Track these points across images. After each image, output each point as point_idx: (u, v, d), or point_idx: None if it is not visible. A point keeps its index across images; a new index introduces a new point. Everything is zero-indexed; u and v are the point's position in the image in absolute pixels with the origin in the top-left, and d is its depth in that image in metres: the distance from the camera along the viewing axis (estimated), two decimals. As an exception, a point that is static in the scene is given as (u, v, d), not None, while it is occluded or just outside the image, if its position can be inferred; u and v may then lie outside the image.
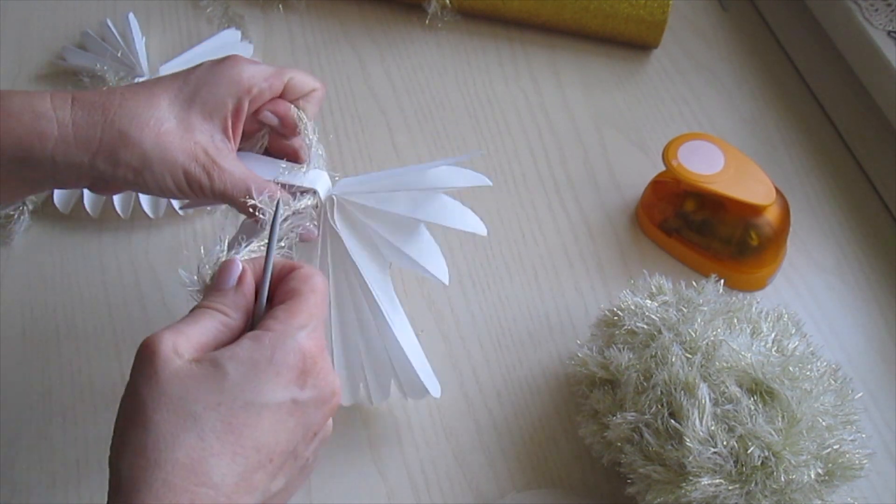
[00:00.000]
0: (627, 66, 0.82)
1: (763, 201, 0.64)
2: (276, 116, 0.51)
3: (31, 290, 0.64)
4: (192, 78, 0.49)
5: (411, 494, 0.57)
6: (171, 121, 0.47)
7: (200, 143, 0.48)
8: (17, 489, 0.56)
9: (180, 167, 0.47)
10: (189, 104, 0.48)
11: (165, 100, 0.48)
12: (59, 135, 0.46)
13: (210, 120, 0.48)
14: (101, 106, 0.47)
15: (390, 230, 0.51)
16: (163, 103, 0.48)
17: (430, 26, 0.83)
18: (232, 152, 0.49)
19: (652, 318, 0.55)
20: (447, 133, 0.76)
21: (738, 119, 0.78)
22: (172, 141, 0.47)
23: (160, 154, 0.47)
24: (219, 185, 0.48)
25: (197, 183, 0.48)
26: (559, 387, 0.62)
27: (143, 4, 0.82)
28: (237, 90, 0.49)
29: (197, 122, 0.48)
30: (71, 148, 0.46)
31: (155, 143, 0.47)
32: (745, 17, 0.87)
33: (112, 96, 0.47)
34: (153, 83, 0.49)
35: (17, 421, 0.58)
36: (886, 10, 0.74)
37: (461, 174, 0.51)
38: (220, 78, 0.49)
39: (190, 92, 0.48)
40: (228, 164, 0.48)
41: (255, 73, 0.49)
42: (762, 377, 0.51)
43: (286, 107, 0.51)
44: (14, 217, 0.67)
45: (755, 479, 0.49)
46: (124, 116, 0.47)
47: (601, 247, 0.70)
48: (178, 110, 0.48)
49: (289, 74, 0.51)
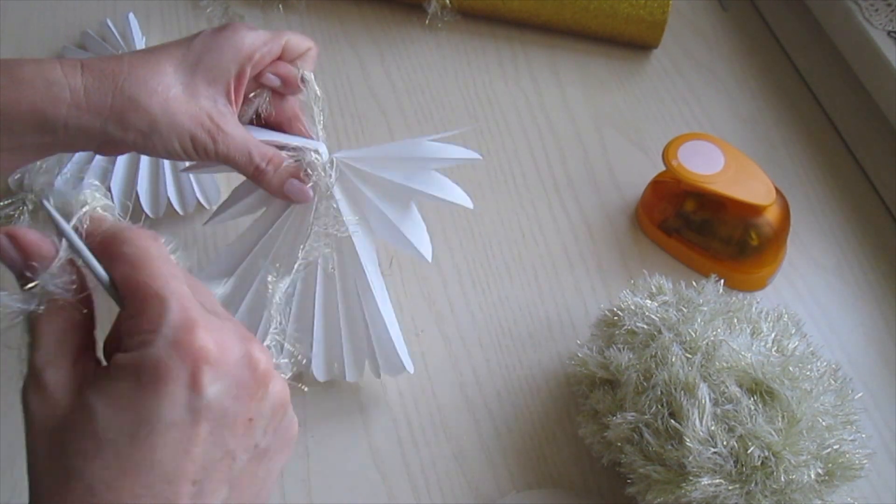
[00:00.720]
0: (627, 66, 0.82)
1: (763, 201, 0.64)
2: (278, 78, 0.53)
3: (31, 290, 0.64)
4: (196, 45, 0.51)
5: (411, 494, 0.57)
6: (177, 87, 0.49)
7: (205, 109, 0.50)
8: (17, 489, 0.56)
9: (187, 132, 0.49)
10: (193, 70, 0.50)
11: (171, 66, 0.50)
12: (71, 100, 0.47)
13: (214, 85, 0.50)
14: (110, 73, 0.48)
15: (384, 199, 0.54)
16: (168, 69, 0.49)
17: (430, 26, 0.83)
18: (234, 116, 0.52)
19: (652, 318, 0.55)
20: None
21: (738, 119, 0.78)
22: (179, 107, 0.49)
23: (168, 119, 0.49)
24: (223, 149, 0.50)
25: (202, 147, 0.50)
26: (559, 387, 0.62)
27: (143, 4, 0.82)
28: (239, 57, 0.51)
29: (202, 88, 0.50)
30: (83, 113, 0.47)
31: (163, 108, 0.49)
32: (745, 17, 0.87)
33: (120, 63, 0.49)
34: (157, 50, 0.50)
35: (17, 421, 0.58)
36: (886, 10, 0.74)
37: (452, 149, 0.54)
38: (222, 45, 0.51)
39: (194, 59, 0.50)
40: (231, 128, 0.51)
41: (256, 40, 0.51)
42: (762, 377, 0.51)
43: (287, 68, 0.53)
44: (14, 217, 0.67)
45: (755, 479, 0.49)
46: (133, 83, 0.48)
47: (601, 247, 0.70)
48: (184, 76, 0.50)
49: (285, 37, 0.53)
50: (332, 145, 0.74)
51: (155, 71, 0.49)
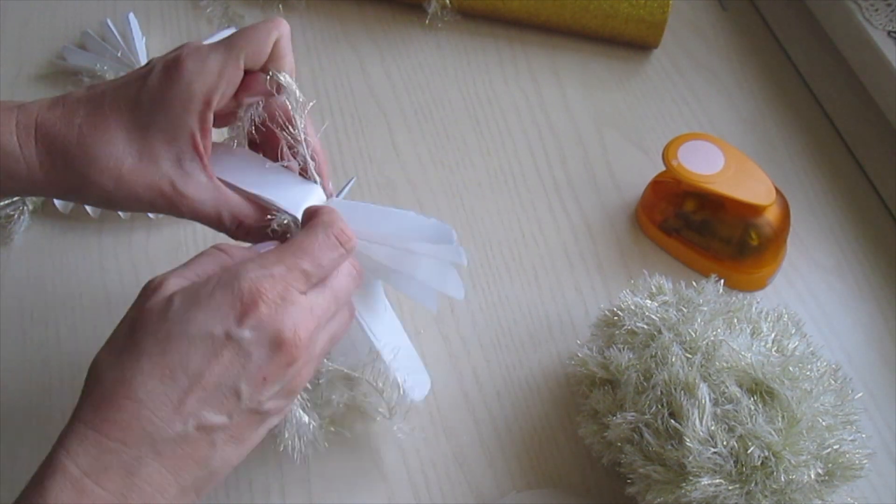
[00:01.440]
0: (627, 66, 0.82)
1: (763, 201, 0.64)
2: (255, 97, 0.49)
3: (31, 290, 0.64)
4: (144, 100, 0.46)
5: (411, 494, 0.57)
6: (130, 158, 0.46)
7: (167, 175, 0.47)
8: (17, 489, 0.56)
9: (147, 202, 0.47)
10: (146, 134, 0.46)
11: (121, 133, 0.46)
12: (27, 176, 0.46)
13: (174, 144, 0.47)
14: (61, 146, 0.46)
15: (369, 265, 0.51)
16: (118, 137, 0.46)
17: (430, 26, 0.83)
18: (202, 171, 0.48)
19: (652, 318, 0.55)
20: (447, 133, 0.76)
21: (738, 119, 0.78)
22: (135, 178, 0.46)
23: (124, 193, 0.47)
24: (188, 213, 0.48)
25: (166, 211, 0.48)
26: (559, 387, 0.62)
27: (143, 4, 0.82)
28: (195, 108, 0.46)
29: (161, 151, 0.46)
30: (39, 185, 0.47)
31: (117, 184, 0.46)
32: (745, 17, 0.87)
33: (70, 129, 0.46)
34: (106, 106, 0.47)
35: (17, 421, 0.58)
36: (886, 10, 0.74)
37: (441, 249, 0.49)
38: (173, 101, 0.46)
39: (146, 119, 0.46)
40: (194, 191, 0.47)
41: (208, 80, 0.46)
42: (762, 377, 0.51)
43: (259, 84, 0.48)
44: (14, 217, 0.67)
45: (755, 479, 0.49)
46: (83, 160, 0.46)
47: (601, 247, 0.70)
48: (138, 144, 0.46)
49: (241, 49, 0.47)
50: (333, 146, 0.74)
51: (104, 142, 0.46)
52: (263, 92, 0.48)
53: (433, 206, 0.71)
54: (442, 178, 0.73)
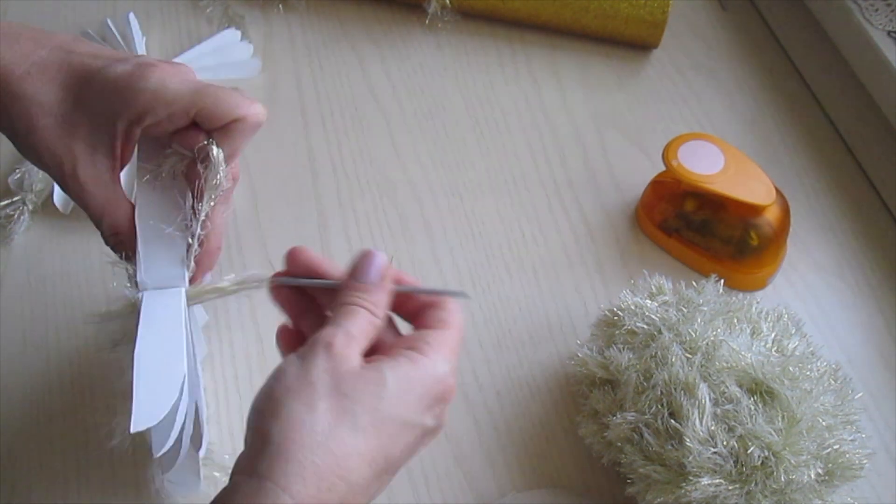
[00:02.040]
0: (627, 66, 0.82)
1: (763, 201, 0.64)
2: (184, 148, 0.46)
3: (31, 290, 0.64)
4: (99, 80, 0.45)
5: (411, 494, 0.57)
6: (52, 117, 0.44)
7: (73, 154, 0.45)
8: (16, 489, 0.56)
9: (43, 165, 0.45)
10: (82, 107, 0.45)
11: (61, 91, 0.45)
12: None
13: (97, 132, 0.45)
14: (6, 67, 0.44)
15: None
16: (54, 93, 0.44)
17: (430, 26, 0.83)
18: (110, 171, 0.46)
19: (652, 318, 0.55)
20: (447, 133, 0.76)
21: (738, 119, 0.78)
22: (44, 138, 0.44)
23: (29, 143, 0.45)
24: (74, 197, 0.46)
25: (58, 182, 0.46)
26: (559, 387, 0.62)
27: (143, 4, 0.82)
28: (128, 115, 0.45)
29: (81, 130, 0.45)
30: None
31: (27, 131, 0.44)
32: (745, 17, 0.87)
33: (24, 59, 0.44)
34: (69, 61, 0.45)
35: (17, 421, 0.58)
36: (886, 10, 0.74)
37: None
38: (117, 95, 0.44)
39: (88, 96, 0.45)
40: (94, 184, 0.45)
41: (153, 103, 0.44)
42: (762, 377, 0.51)
43: (195, 139, 0.46)
44: (14, 217, 0.67)
45: (755, 479, 0.49)
46: (14, 87, 0.44)
47: (601, 247, 0.70)
48: (68, 110, 0.45)
49: (198, 106, 0.45)
50: (333, 145, 0.74)
51: (39, 89, 0.44)
52: (191, 148, 0.46)
53: (433, 206, 0.71)
54: (442, 178, 0.73)
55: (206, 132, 0.46)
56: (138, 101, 0.44)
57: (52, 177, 0.46)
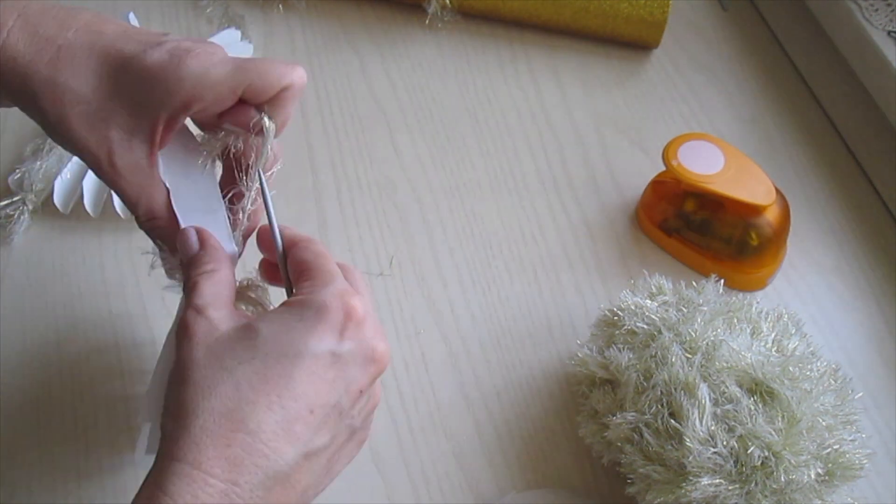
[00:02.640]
0: (627, 66, 0.82)
1: (763, 201, 0.64)
2: (236, 127, 0.46)
3: (31, 290, 0.64)
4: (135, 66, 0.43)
5: (411, 494, 0.57)
6: (86, 105, 0.43)
7: (108, 140, 0.44)
8: (16, 489, 0.56)
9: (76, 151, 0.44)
10: (115, 93, 0.44)
11: (94, 78, 0.43)
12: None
13: (135, 118, 0.44)
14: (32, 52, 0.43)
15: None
16: (88, 80, 0.43)
17: (430, 26, 0.82)
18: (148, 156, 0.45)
19: (652, 318, 0.55)
20: (447, 133, 0.76)
21: (738, 119, 0.78)
22: (77, 126, 0.43)
23: (61, 129, 0.44)
24: (109, 183, 0.45)
25: (91, 168, 0.45)
26: (559, 387, 0.62)
27: (143, 4, 0.82)
28: (173, 103, 0.44)
29: (117, 117, 0.44)
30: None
31: (58, 119, 0.43)
32: (745, 17, 0.87)
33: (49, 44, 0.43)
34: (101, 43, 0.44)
35: (17, 420, 0.58)
36: (886, 10, 0.74)
37: None
38: (158, 84, 0.43)
39: (122, 81, 0.43)
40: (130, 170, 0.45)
41: (199, 89, 0.43)
42: (762, 377, 0.51)
43: (246, 116, 0.46)
44: (14, 217, 0.67)
45: (755, 479, 0.49)
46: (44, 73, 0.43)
47: (601, 247, 0.70)
48: (101, 96, 0.43)
49: (246, 81, 0.44)
50: (333, 145, 0.74)
51: (71, 74, 0.43)
52: (244, 126, 0.46)
53: (433, 206, 0.71)
54: (442, 178, 0.73)
55: (256, 106, 0.46)
56: (183, 89, 0.43)
57: (86, 163, 0.45)
